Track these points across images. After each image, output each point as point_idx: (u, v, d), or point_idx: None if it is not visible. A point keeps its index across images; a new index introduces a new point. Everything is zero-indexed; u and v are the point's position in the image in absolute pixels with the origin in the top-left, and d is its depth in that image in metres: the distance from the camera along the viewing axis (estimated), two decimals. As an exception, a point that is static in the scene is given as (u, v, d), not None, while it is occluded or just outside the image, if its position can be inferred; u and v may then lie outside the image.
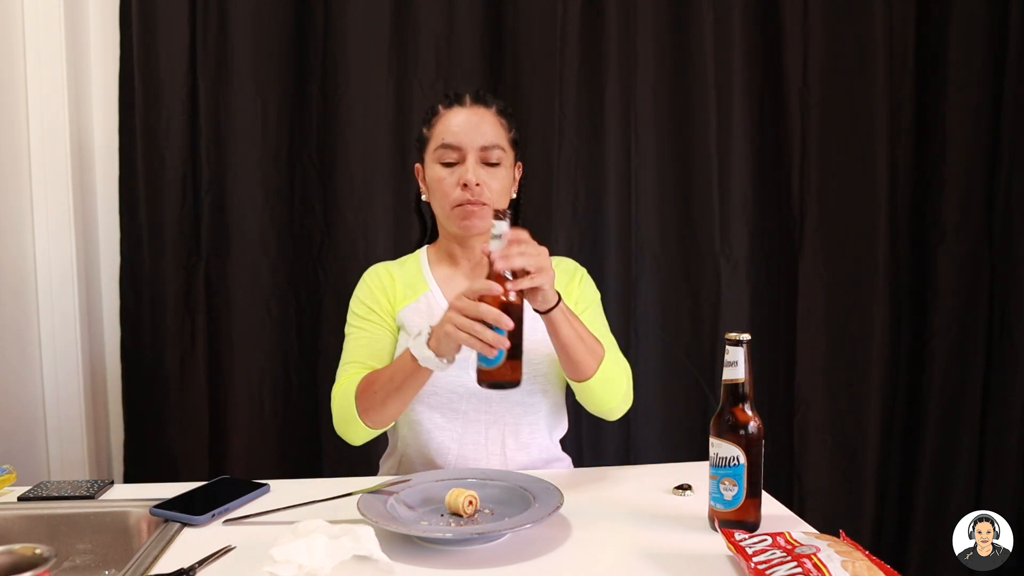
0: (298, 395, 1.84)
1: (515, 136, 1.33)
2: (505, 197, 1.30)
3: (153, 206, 1.78)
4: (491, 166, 1.27)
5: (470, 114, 1.28)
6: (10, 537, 1.05)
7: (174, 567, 0.89)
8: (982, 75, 1.86)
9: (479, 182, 1.24)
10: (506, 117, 1.32)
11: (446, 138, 1.26)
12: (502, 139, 1.29)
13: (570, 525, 1.02)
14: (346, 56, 1.78)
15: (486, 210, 1.25)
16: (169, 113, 1.77)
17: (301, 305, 1.84)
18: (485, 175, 1.26)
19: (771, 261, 1.92)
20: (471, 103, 1.30)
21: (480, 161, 1.26)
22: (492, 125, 1.29)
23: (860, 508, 1.91)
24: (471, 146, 1.25)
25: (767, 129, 1.89)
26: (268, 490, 1.15)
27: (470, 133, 1.26)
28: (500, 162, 1.28)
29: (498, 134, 1.29)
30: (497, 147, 1.27)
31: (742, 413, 0.97)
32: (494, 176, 1.27)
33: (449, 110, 1.29)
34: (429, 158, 1.30)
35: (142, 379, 1.82)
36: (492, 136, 1.27)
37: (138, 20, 1.75)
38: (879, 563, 0.80)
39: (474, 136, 1.26)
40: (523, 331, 1.02)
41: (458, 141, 1.26)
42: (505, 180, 1.29)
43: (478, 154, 1.26)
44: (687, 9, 1.83)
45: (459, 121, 1.27)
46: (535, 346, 1.22)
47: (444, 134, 1.27)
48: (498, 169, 1.28)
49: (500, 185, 1.28)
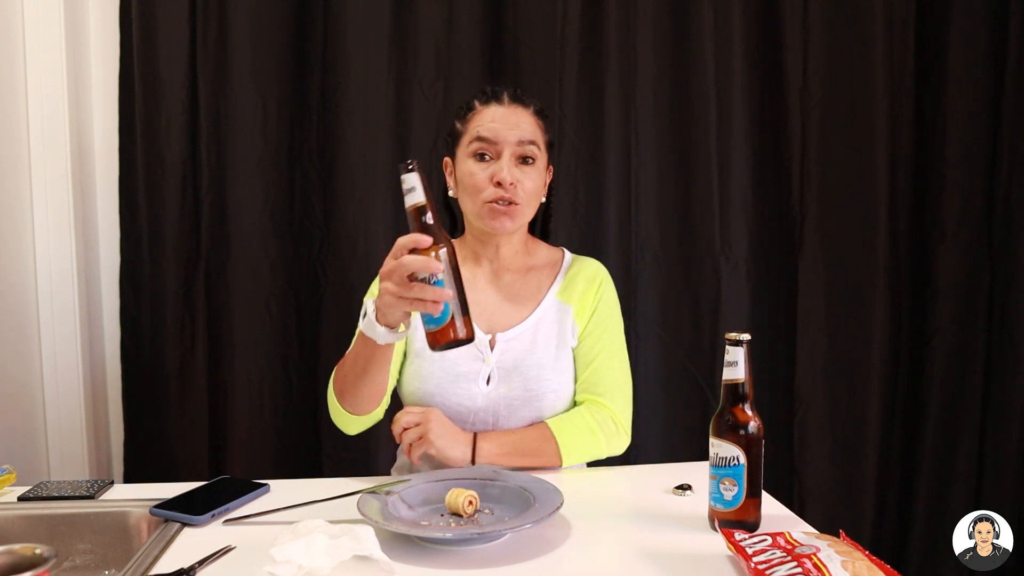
0: (298, 395, 1.84)
1: (551, 139, 1.32)
2: (536, 200, 1.29)
3: (153, 206, 1.78)
4: (526, 164, 1.25)
5: (508, 111, 1.26)
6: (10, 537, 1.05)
7: (174, 567, 0.89)
8: (982, 75, 1.86)
9: (513, 181, 1.22)
10: (543, 118, 1.31)
11: (481, 132, 1.24)
12: (539, 137, 1.28)
13: (570, 525, 1.02)
14: (346, 56, 1.78)
15: (517, 210, 1.24)
16: (169, 113, 1.76)
17: (301, 305, 1.84)
18: (519, 174, 1.24)
19: (771, 261, 1.92)
20: (509, 101, 1.28)
21: (515, 157, 1.24)
22: (530, 123, 1.27)
23: (860, 508, 1.91)
24: (507, 141, 1.23)
25: (767, 129, 1.89)
26: (268, 490, 1.15)
27: (507, 129, 1.24)
28: (535, 160, 1.26)
29: (535, 132, 1.27)
30: (533, 143, 1.26)
31: (742, 413, 0.97)
32: (528, 175, 1.25)
33: (486, 106, 1.27)
34: (462, 152, 1.28)
35: (142, 379, 1.82)
36: (529, 132, 1.26)
37: (138, 20, 1.74)
38: (879, 563, 0.80)
39: (511, 132, 1.24)
40: (462, 283, 0.98)
41: (494, 135, 1.24)
42: (538, 181, 1.28)
43: (514, 149, 1.24)
44: (687, 9, 1.83)
45: (496, 116, 1.25)
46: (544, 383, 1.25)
47: (480, 128, 1.25)
48: (532, 168, 1.26)
49: (533, 185, 1.26)
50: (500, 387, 1.25)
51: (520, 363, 1.26)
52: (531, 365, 1.25)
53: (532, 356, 1.26)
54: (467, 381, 1.25)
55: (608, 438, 1.25)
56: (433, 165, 1.82)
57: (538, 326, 1.30)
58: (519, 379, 1.25)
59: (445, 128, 1.80)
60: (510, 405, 1.24)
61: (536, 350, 1.27)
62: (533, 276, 1.35)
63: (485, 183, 1.24)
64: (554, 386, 1.26)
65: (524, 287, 1.34)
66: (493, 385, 1.25)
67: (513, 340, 1.28)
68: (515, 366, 1.25)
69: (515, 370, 1.25)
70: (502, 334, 1.28)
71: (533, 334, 1.29)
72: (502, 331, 1.28)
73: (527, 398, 1.24)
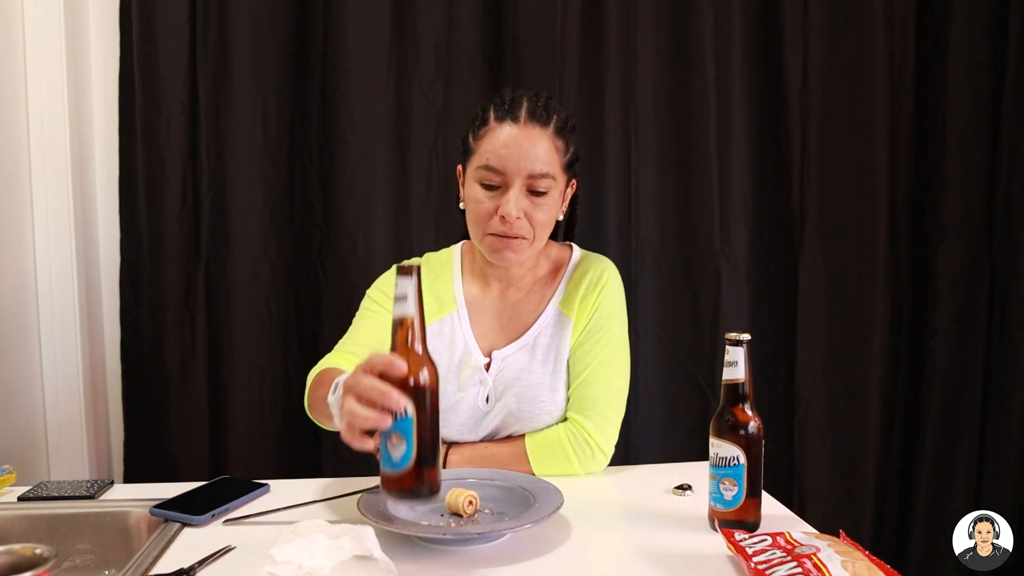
0: (298, 395, 1.84)
1: (571, 158, 1.21)
2: (548, 227, 1.20)
3: (153, 206, 1.78)
4: (537, 195, 1.15)
5: (522, 135, 1.14)
6: (10, 537, 1.05)
7: (174, 567, 0.89)
8: (982, 75, 1.86)
9: (519, 215, 1.14)
10: (564, 137, 1.18)
11: (491, 160, 1.14)
12: (555, 166, 1.16)
13: (570, 525, 1.02)
14: (346, 56, 1.78)
15: (523, 244, 1.16)
16: (169, 113, 1.76)
17: (301, 305, 1.84)
18: (528, 205, 1.15)
19: (771, 261, 1.92)
20: (527, 119, 1.15)
21: (525, 189, 1.15)
22: (546, 150, 1.15)
23: (860, 508, 1.91)
24: (517, 173, 1.13)
25: (767, 129, 1.89)
26: (268, 490, 1.15)
27: (518, 158, 1.13)
28: (548, 191, 1.16)
29: (551, 160, 1.15)
30: (547, 176, 1.14)
31: (742, 413, 0.97)
32: (538, 207, 1.15)
33: (500, 124, 1.15)
34: (471, 172, 1.18)
35: (142, 379, 1.82)
36: (543, 164, 1.14)
37: (138, 20, 1.74)
38: (879, 563, 0.80)
39: (522, 163, 1.13)
40: (437, 426, 0.82)
41: (503, 166, 1.13)
42: (551, 210, 1.18)
43: (524, 182, 1.14)
44: (687, 9, 1.83)
45: (508, 141, 1.13)
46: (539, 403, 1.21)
47: (489, 154, 1.14)
48: (545, 199, 1.16)
49: (545, 216, 1.17)
50: (497, 405, 1.22)
51: (515, 381, 1.22)
52: (527, 385, 1.22)
53: (529, 375, 1.22)
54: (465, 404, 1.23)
55: (583, 462, 1.20)
56: (433, 165, 1.83)
57: (537, 341, 1.24)
58: (514, 398, 1.21)
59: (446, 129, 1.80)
60: (504, 420, 1.23)
61: (534, 367, 1.23)
62: (538, 288, 1.29)
63: (489, 214, 1.15)
64: (548, 407, 1.22)
65: (528, 302, 1.28)
66: (492, 403, 1.23)
67: (510, 357, 1.24)
68: (510, 384, 1.22)
69: (510, 388, 1.22)
70: (498, 351, 1.24)
71: (531, 350, 1.24)
72: (499, 348, 1.24)
73: (521, 416, 1.22)
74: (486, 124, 1.17)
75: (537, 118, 1.16)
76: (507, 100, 1.18)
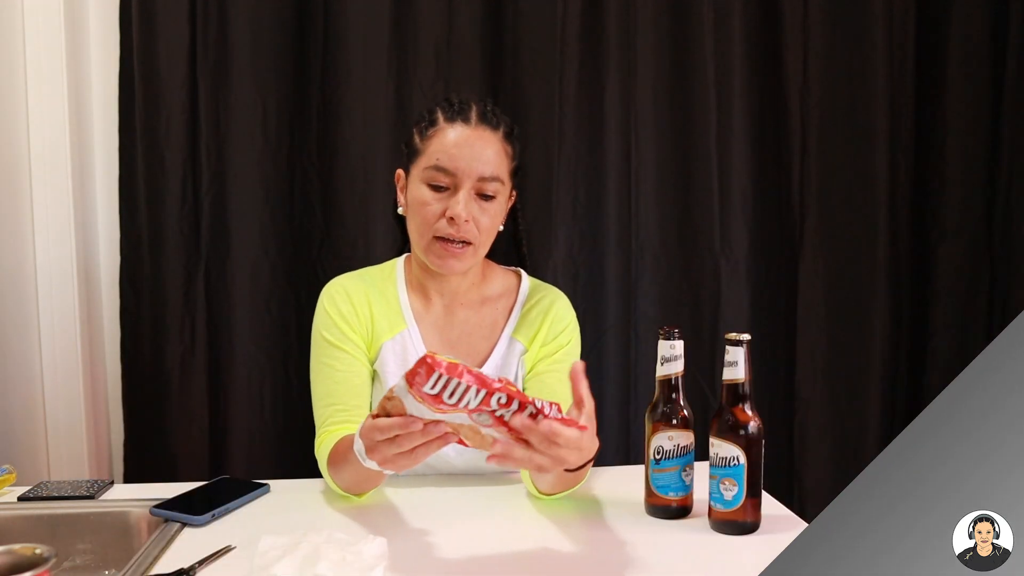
0: (298, 395, 1.84)
1: (517, 165, 1.21)
2: (492, 234, 1.20)
3: (153, 206, 1.78)
4: (485, 199, 1.14)
5: (473, 136, 1.13)
6: (10, 537, 1.05)
7: (174, 567, 0.90)
8: (982, 75, 1.86)
9: (468, 217, 1.12)
10: (512, 143, 1.19)
11: (440, 160, 1.12)
12: (503, 170, 1.16)
13: (570, 525, 1.02)
14: (346, 56, 1.77)
15: (467, 251, 1.14)
16: (169, 113, 1.76)
17: (301, 305, 1.84)
18: (476, 210, 1.13)
19: (771, 261, 1.92)
20: (477, 121, 1.14)
21: (474, 192, 1.13)
22: (496, 153, 1.15)
23: (860, 508, 1.91)
24: (468, 175, 1.12)
25: (767, 129, 1.89)
26: (268, 490, 1.15)
27: (470, 159, 1.12)
28: (496, 195, 1.15)
29: (500, 164, 1.15)
30: (496, 179, 1.14)
31: (742, 413, 0.98)
32: (486, 211, 1.14)
33: (450, 124, 1.14)
34: (416, 173, 1.16)
35: (142, 379, 1.82)
36: (494, 167, 1.14)
37: (138, 20, 1.74)
38: None
39: (473, 163, 1.12)
40: None
41: (454, 166, 1.12)
42: (496, 217, 1.18)
43: (474, 184, 1.13)
44: (687, 9, 1.83)
45: (460, 141, 1.12)
46: None
47: (439, 153, 1.12)
48: (492, 203, 1.15)
49: (491, 222, 1.16)
50: None
51: None
52: None
53: None
54: None
55: None
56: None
57: (497, 373, 1.22)
58: None
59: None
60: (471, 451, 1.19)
61: None
62: (488, 310, 1.26)
63: (436, 216, 1.13)
64: None
65: (479, 324, 1.25)
66: None
67: None
68: None
69: None
70: None
71: None
72: None
73: None
74: (435, 124, 1.16)
75: (488, 121, 1.16)
76: (455, 103, 1.18)
